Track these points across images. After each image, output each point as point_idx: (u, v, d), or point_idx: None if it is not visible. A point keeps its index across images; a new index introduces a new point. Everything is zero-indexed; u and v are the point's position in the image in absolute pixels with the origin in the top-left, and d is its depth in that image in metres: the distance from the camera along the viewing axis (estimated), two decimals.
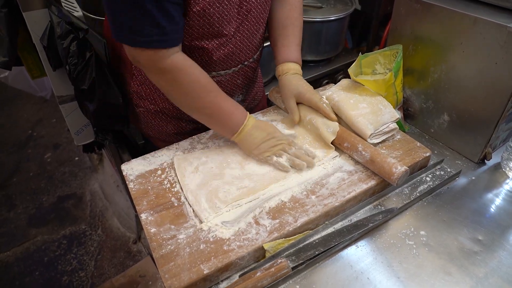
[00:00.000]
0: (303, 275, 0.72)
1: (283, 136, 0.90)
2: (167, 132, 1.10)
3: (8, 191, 2.36)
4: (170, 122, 1.08)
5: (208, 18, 0.81)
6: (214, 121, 0.90)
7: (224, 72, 0.98)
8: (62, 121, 1.65)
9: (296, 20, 1.01)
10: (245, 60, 1.00)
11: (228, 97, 0.89)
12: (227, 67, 0.97)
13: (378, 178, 0.84)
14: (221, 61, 0.94)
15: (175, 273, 0.67)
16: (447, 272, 0.71)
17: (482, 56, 0.86)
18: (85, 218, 2.16)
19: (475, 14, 0.84)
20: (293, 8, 1.00)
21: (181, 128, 1.10)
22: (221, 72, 0.97)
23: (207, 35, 0.86)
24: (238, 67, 1.00)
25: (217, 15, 0.81)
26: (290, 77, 0.97)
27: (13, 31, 1.20)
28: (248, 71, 1.05)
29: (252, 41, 0.97)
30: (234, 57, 0.96)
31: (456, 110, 0.97)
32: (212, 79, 0.86)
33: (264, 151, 0.88)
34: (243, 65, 1.01)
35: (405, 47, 1.03)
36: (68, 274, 1.86)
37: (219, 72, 0.97)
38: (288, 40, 0.99)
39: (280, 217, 0.77)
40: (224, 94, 0.88)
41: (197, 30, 0.83)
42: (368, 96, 0.96)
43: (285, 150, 0.88)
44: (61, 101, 1.33)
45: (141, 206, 0.81)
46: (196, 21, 0.81)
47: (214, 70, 0.96)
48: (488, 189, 0.90)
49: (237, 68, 1.00)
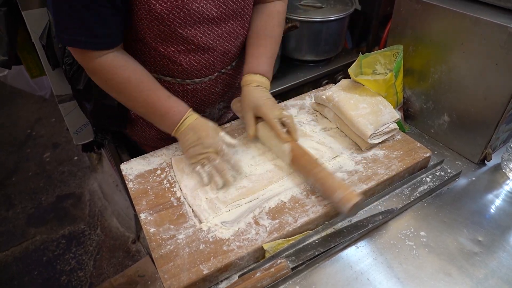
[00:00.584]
0: (303, 275, 0.71)
1: (212, 143, 0.83)
2: (150, 137, 1.08)
3: (7, 190, 2.35)
4: (152, 127, 1.06)
5: (168, 23, 0.79)
6: (152, 119, 0.89)
7: (199, 80, 0.95)
8: (61, 121, 1.65)
9: (272, 31, 0.97)
10: (222, 68, 0.97)
11: (167, 95, 0.86)
12: (201, 75, 0.95)
13: (378, 179, 0.84)
14: (194, 69, 0.92)
15: (175, 273, 0.67)
16: (447, 273, 0.71)
17: (482, 57, 0.86)
18: (84, 217, 2.16)
19: (476, 14, 0.84)
20: (270, 18, 0.97)
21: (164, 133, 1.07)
22: (196, 80, 0.95)
23: (171, 40, 0.84)
24: (215, 75, 0.97)
25: (178, 20, 0.79)
26: (251, 89, 0.91)
27: (12, 30, 1.20)
28: (227, 79, 1.02)
29: (229, 49, 0.94)
30: (208, 65, 0.93)
31: (456, 111, 0.97)
32: (151, 77, 0.85)
33: (190, 157, 0.85)
34: (220, 73, 0.98)
35: (406, 48, 1.02)
36: (67, 273, 1.86)
37: (193, 80, 0.95)
38: (258, 51, 0.95)
39: (280, 217, 0.77)
40: (163, 92, 0.85)
41: (159, 34, 0.82)
42: (368, 96, 0.96)
43: (209, 160, 0.83)
44: (60, 100, 1.33)
45: (141, 206, 0.80)
46: (153, 24, 0.79)
47: (187, 78, 0.94)
48: (488, 190, 0.90)
49: (214, 76, 0.97)
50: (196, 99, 1.00)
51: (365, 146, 0.92)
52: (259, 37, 0.96)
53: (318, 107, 1.06)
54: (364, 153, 0.92)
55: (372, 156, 0.91)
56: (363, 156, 0.91)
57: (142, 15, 0.78)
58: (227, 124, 1.03)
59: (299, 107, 1.09)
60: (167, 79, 0.94)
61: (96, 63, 0.79)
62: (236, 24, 0.91)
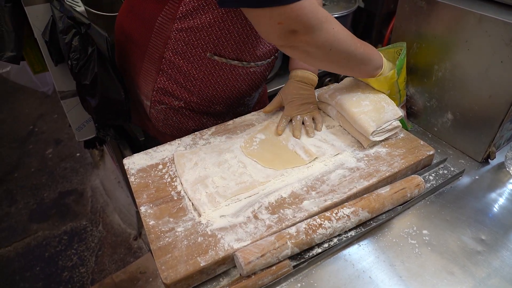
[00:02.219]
0: (304, 273, 0.71)
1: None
2: (186, 129, 1.09)
3: (9, 186, 2.36)
4: (192, 118, 1.08)
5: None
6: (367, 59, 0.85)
7: (261, 63, 1.01)
8: (64, 117, 1.65)
9: None
10: (275, 52, 1.04)
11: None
12: (262, 58, 1.00)
13: (380, 176, 0.84)
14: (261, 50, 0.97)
15: (172, 265, 0.67)
16: (449, 271, 0.70)
17: (487, 54, 0.85)
18: (86, 214, 2.16)
19: (481, 11, 0.83)
20: None
21: (202, 124, 1.10)
22: (258, 63, 1.00)
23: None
24: (271, 58, 1.03)
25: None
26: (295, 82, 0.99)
27: (18, 25, 1.20)
28: (272, 65, 1.08)
29: None
30: (268, 47, 0.98)
31: (460, 109, 0.96)
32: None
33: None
34: (274, 57, 1.05)
35: (409, 45, 1.02)
36: (69, 269, 1.86)
37: (256, 63, 1.00)
38: None
39: (279, 212, 0.77)
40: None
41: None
42: (371, 93, 0.96)
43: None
44: (62, 97, 1.33)
45: (141, 199, 0.81)
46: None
47: (252, 61, 0.98)
48: (492, 188, 0.89)
49: (270, 59, 1.03)
50: (251, 82, 1.05)
51: (367, 144, 0.91)
52: None
53: (321, 105, 1.05)
54: (366, 151, 0.91)
55: (374, 154, 0.90)
56: (365, 153, 0.91)
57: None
58: (230, 122, 1.03)
59: None
60: (234, 62, 0.96)
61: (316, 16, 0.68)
62: None
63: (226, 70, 0.97)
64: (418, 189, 0.82)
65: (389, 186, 0.81)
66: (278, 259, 0.68)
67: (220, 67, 0.96)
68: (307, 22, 0.67)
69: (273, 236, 0.69)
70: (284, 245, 0.68)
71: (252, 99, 1.15)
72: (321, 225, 0.71)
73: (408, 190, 0.80)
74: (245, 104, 1.14)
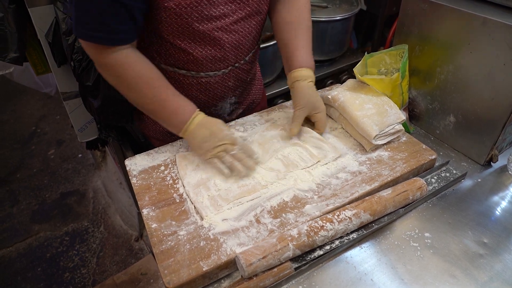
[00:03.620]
0: (306, 275, 0.71)
1: (226, 135, 0.85)
2: (161, 131, 1.08)
3: (11, 186, 2.37)
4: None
5: (186, 17, 0.79)
6: (159, 117, 0.88)
7: (213, 73, 0.95)
8: (66, 118, 1.66)
9: (308, 22, 0.97)
10: (235, 62, 0.96)
11: (176, 93, 0.86)
12: (215, 68, 0.94)
13: (382, 180, 0.84)
14: (209, 62, 0.92)
15: (175, 269, 0.67)
16: (451, 274, 0.70)
17: (490, 57, 0.85)
18: (87, 215, 2.16)
19: (484, 14, 0.83)
20: (301, 7, 0.96)
21: None
22: (210, 73, 0.95)
23: (187, 34, 0.84)
24: (228, 69, 0.96)
25: (195, 15, 0.79)
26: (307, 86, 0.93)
27: (22, 27, 1.20)
28: (240, 73, 1.01)
29: (243, 43, 0.93)
30: (223, 58, 0.92)
31: (462, 112, 0.96)
32: (161, 75, 0.85)
33: (206, 151, 0.84)
34: (234, 67, 0.97)
35: (412, 47, 1.02)
36: (70, 270, 1.86)
37: (207, 73, 0.94)
38: (303, 43, 0.95)
39: (281, 216, 0.76)
40: (172, 91, 0.85)
41: (175, 28, 0.82)
42: (374, 96, 0.96)
43: (226, 151, 0.84)
44: (65, 98, 1.33)
45: (143, 201, 0.81)
46: (171, 18, 0.80)
47: (202, 71, 0.94)
48: (494, 191, 0.89)
49: (227, 70, 0.96)
50: (209, 93, 1.00)
51: (369, 147, 0.91)
52: (299, 29, 0.95)
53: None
54: (368, 154, 0.91)
55: (376, 157, 0.90)
56: (367, 157, 0.91)
57: (160, 9, 0.78)
58: (232, 122, 1.03)
59: None
60: (182, 72, 0.94)
61: (110, 59, 0.79)
62: (251, 19, 0.90)
63: (177, 79, 0.95)
64: (420, 191, 0.82)
65: (391, 189, 0.81)
66: (280, 261, 0.68)
67: (170, 75, 0.94)
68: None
69: (275, 238, 0.69)
70: (286, 247, 0.68)
71: (222, 109, 1.08)
72: (323, 227, 0.71)
73: (410, 192, 0.80)
74: (217, 115, 1.07)
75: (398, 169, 0.87)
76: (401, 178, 0.86)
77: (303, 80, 0.93)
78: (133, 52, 0.82)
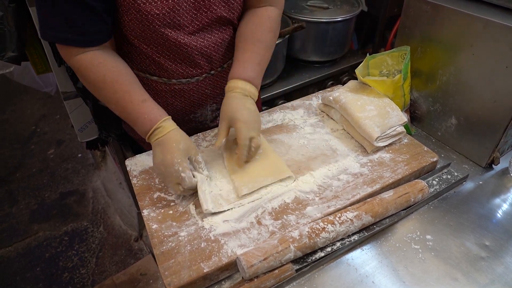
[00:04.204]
0: (307, 277, 0.71)
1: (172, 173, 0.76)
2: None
3: (11, 186, 2.36)
4: None
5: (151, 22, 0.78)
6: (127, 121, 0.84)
7: (186, 81, 0.93)
8: (66, 117, 1.66)
9: (262, 36, 0.91)
10: (210, 69, 0.94)
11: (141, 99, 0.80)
12: (188, 75, 0.92)
13: (384, 182, 0.83)
14: (178, 68, 0.90)
15: (175, 271, 0.67)
16: (453, 277, 0.70)
17: (492, 59, 0.85)
18: (87, 215, 2.16)
19: (487, 16, 0.83)
20: (260, 23, 0.91)
21: None
22: (182, 80, 0.93)
23: (154, 40, 0.83)
24: (203, 76, 0.94)
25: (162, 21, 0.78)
26: (231, 96, 0.85)
27: (21, 26, 1.20)
28: (218, 80, 0.98)
29: (214, 52, 0.91)
30: (194, 65, 0.90)
31: (464, 114, 0.96)
32: (130, 79, 0.81)
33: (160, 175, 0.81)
34: (209, 75, 0.95)
35: (414, 49, 1.02)
36: (69, 270, 1.86)
37: (179, 80, 0.92)
38: (244, 56, 0.89)
39: (282, 217, 0.76)
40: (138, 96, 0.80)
41: (141, 33, 0.81)
42: (376, 98, 0.95)
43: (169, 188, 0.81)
44: (65, 97, 1.33)
45: (144, 202, 0.80)
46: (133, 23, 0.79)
47: (173, 78, 0.92)
48: (496, 194, 0.89)
49: (202, 78, 0.94)
50: (185, 100, 0.98)
51: (371, 149, 0.91)
52: (247, 42, 0.90)
53: (325, 108, 1.05)
54: (370, 156, 0.91)
55: (378, 159, 0.90)
56: (368, 158, 0.90)
57: (126, 12, 0.77)
58: (216, 128, 1.01)
59: (305, 107, 1.09)
60: (153, 78, 0.93)
61: (74, 60, 0.78)
62: (222, 29, 0.90)
63: (150, 85, 0.93)
64: (422, 194, 0.81)
65: (393, 191, 0.80)
66: (281, 262, 0.67)
67: (144, 82, 0.91)
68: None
69: (276, 240, 0.69)
70: (287, 248, 0.67)
71: (202, 116, 1.05)
72: (324, 229, 0.71)
73: (411, 194, 0.80)
74: (196, 121, 1.05)
75: (399, 171, 0.86)
76: (402, 180, 0.86)
77: (230, 91, 0.86)
78: (101, 53, 0.79)
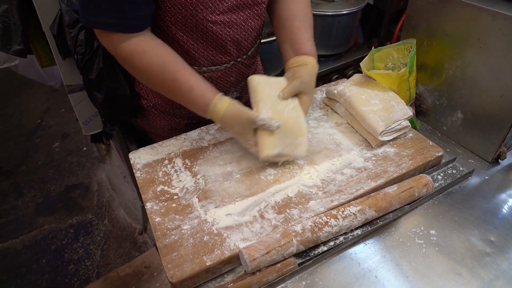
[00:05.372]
0: (309, 271, 0.71)
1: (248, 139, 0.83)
2: (161, 127, 1.08)
3: (16, 179, 2.38)
4: (163, 118, 1.07)
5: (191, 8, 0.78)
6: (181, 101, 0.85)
7: (216, 68, 0.95)
8: (71, 111, 1.66)
9: (307, 13, 0.95)
10: (237, 57, 0.96)
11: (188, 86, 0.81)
12: (218, 63, 0.94)
13: (388, 177, 0.83)
14: (210, 55, 0.91)
15: (178, 264, 0.67)
16: (457, 273, 0.69)
17: (500, 53, 0.83)
18: (92, 208, 2.18)
19: (495, 8, 0.82)
20: (303, 1, 0.95)
21: (175, 124, 1.08)
22: (212, 68, 0.94)
23: (191, 27, 0.83)
24: (231, 63, 0.96)
25: (200, 6, 0.78)
26: (313, 73, 0.90)
27: (26, 19, 1.20)
28: (242, 68, 1.01)
29: (245, 38, 0.92)
30: (224, 52, 0.92)
31: (470, 108, 0.95)
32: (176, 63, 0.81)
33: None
34: (236, 62, 0.97)
35: (420, 42, 1.00)
36: (75, 262, 1.88)
37: (209, 68, 0.94)
38: (307, 33, 0.92)
39: (285, 211, 0.76)
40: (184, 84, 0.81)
41: (180, 19, 0.81)
42: (381, 92, 0.94)
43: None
44: (70, 91, 1.33)
45: (147, 195, 0.80)
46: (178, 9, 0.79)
47: (204, 65, 0.93)
48: (502, 189, 0.88)
49: (229, 65, 0.96)
50: None
51: (375, 143, 0.90)
52: (295, 20, 0.93)
53: (329, 102, 1.04)
54: (374, 150, 0.90)
55: (382, 154, 0.89)
56: (373, 153, 0.90)
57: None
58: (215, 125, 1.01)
59: None
60: None
61: (120, 48, 0.78)
62: (252, 13, 0.90)
63: None
64: (426, 188, 0.81)
65: (397, 185, 0.80)
66: (283, 256, 0.67)
67: None
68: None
69: (279, 233, 0.69)
70: (290, 242, 0.67)
71: None
72: (327, 223, 0.70)
73: (416, 189, 0.79)
74: None
75: (404, 165, 0.86)
76: (407, 174, 0.85)
77: (312, 65, 0.90)
78: (145, 39, 0.80)
